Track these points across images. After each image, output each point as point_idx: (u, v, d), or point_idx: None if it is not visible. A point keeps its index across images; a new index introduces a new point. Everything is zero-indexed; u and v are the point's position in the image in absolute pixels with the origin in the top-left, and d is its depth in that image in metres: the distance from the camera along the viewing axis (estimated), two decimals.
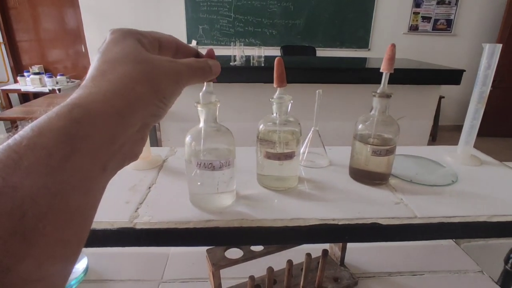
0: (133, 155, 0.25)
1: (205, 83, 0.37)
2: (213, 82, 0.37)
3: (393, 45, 0.45)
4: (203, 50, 0.36)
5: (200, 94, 0.38)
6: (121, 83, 0.22)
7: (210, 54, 0.33)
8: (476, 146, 0.63)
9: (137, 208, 0.43)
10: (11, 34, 3.99)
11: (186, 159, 0.41)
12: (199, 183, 0.41)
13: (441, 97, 3.34)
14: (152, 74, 0.24)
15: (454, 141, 0.62)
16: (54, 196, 0.17)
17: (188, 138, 0.40)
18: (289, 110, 0.46)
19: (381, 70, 0.46)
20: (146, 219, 0.41)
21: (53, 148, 0.17)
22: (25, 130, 0.18)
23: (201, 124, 0.40)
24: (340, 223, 0.41)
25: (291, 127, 0.46)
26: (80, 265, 0.64)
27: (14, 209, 0.15)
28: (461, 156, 0.60)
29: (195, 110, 0.39)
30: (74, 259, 0.19)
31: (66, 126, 0.18)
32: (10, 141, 0.17)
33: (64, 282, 0.19)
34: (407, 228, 0.41)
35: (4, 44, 3.94)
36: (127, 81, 0.23)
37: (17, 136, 0.17)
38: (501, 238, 0.77)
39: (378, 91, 0.47)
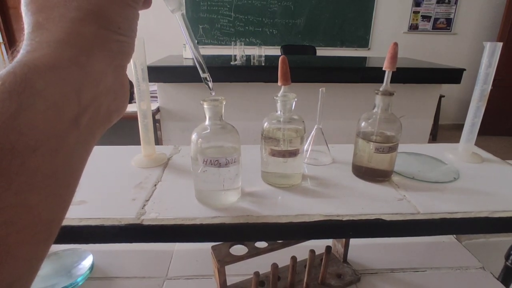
0: (119, 107, 0.23)
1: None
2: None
3: (396, 44, 0.46)
4: (203, 50, 0.36)
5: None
6: (63, 30, 0.19)
7: None
8: (477, 144, 0.63)
9: (144, 205, 0.43)
10: (11, 34, 3.99)
11: (192, 156, 0.42)
12: (204, 180, 0.42)
13: (441, 96, 3.34)
14: (93, 7, 0.20)
15: (455, 140, 0.63)
16: (1, 158, 0.15)
17: (194, 136, 0.41)
18: (293, 108, 0.46)
19: (383, 68, 0.47)
20: (153, 215, 0.41)
21: None
22: None
23: (207, 122, 0.41)
24: (344, 219, 0.41)
25: (295, 125, 0.47)
26: (86, 263, 0.64)
27: None
28: (462, 153, 0.61)
29: (195, 109, 0.39)
30: (42, 228, 0.17)
31: (9, 83, 0.16)
32: None
33: (27, 258, 0.17)
34: (410, 224, 0.42)
35: (4, 44, 3.94)
36: (69, 26, 0.19)
37: None
38: (502, 233, 0.77)
39: (381, 89, 0.48)
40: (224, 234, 0.42)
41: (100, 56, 0.20)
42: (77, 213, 0.41)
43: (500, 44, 0.54)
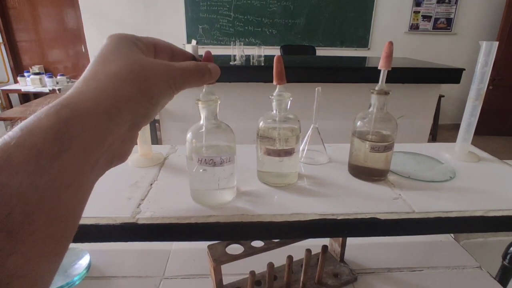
0: (122, 155, 0.26)
1: (204, 86, 0.38)
2: (212, 84, 0.38)
3: (391, 43, 0.46)
4: (203, 50, 0.37)
5: (201, 95, 0.39)
6: (110, 83, 0.23)
7: (208, 57, 0.34)
8: (476, 144, 0.63)
9: (139, 204, 0.43)
10: (11, 34, 4.00)
11: (187, 155, 0.42)
12: (200, 179, 0.42)
13: (441, 96, 3.34)
14: (141, 74, 0.25)
15: (454, 140, 0.63)
16: (43, 194, 0.17)
17: (189, 135, 0.41)
18: (288, 107, 0.46)
19: (379, 68, 0.47)
20: (148, 214, 0.41)
21: (42, 146, 0.18)
22: (14, 131, 0.18)
23: (202, 121, 0.41)
24: (339, 218, 0.41)
25: (291, 124, 0.47)
26: (83, 262, 0.65)
27: (0, 206, 0.16)
28: (459, 152, 0.61)
29: (195, 110, 0.40)
30: (62, 254, 0.20)
31: (55, 125, 0.19)
32: None
33: (51, 277, 0.20)
34: (405, 222, 0.42)
35: (4, 45, 3.95)
36: (115, 81, 0.23)
37: (6, 136, 0.18)
38: (500, 233, 0.77)
39: (376, 88, 0.48)
40: (219, 233, 0.42)
41: (127, 113, 0.24)
42: None
43: (496, 43, 0.54)
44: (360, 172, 0.51)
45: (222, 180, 0.42)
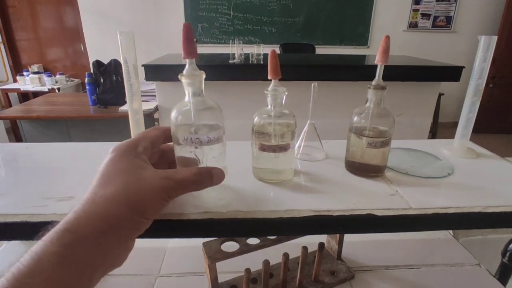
0: (118, 263, 0.28)
1: (187, 61, 0.37)
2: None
3: (387, 37, 0.45)
4: (202, 49, 0.36)
5: (184, 71, 0.38)
6: (106, 206, 0.26)
7: (187, 28, 0.33)
8: (477, 142, 0.63)
9: None
10: (10, 33, 3.99)
11: (173, 135, 0.40)
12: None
13: (440, 94, 3.33)
14: (136, 196, 0.28)
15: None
16: None
17: (174, 113, 0.39)
18: (283, 102, 0.46)
19: (375, 62, 0.46)
20: None
21: (50, 273, 0.22)
22: (25, 258, 0.22)
23: (187, 98, 0.39)
24: (335, 214, 0.41)
25: (286, 120, 0.46)
26: None
27: None
28: (457, 149, 0.60)
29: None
30: None
31: (59, 251, 0.23)
32: (14, 269, 0.21)
33: None
34: (402, 218, 0.41)
35: (3, 43, 3.94)
36: (111, 205, 0.27)
37: (20, 264, 0.22)
38: (499, 231, 0.77)
39: (373, 83, 0.47)
40: (214, 230, 0.42)
41: (120, 230, 0.27)
42: (65, 208, 0.41)
43: (495, 38, 0.54)
44: (357, 168, 0.51)
45: (211, 160, 0.40)
